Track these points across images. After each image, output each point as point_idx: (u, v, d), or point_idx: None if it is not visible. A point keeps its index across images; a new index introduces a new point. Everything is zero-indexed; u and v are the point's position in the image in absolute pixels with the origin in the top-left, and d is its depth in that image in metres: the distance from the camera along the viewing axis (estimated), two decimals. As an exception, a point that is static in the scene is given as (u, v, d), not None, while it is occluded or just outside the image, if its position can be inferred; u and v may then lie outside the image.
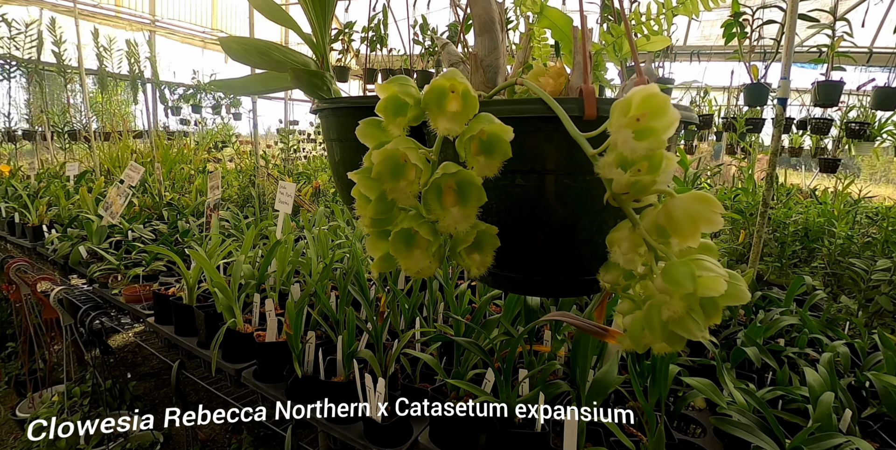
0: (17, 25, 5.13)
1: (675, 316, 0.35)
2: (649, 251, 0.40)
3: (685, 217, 0.36)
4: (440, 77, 0.41)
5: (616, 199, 0.40)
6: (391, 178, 0.42)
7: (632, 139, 0.35)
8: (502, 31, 0.60)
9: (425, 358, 1.02)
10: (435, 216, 0.41)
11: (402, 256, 0.43)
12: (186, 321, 1.46)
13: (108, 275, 1.94)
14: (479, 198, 0.41)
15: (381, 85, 0.42)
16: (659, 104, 0.36)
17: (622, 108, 0.36)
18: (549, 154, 0.45)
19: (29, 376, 2.63)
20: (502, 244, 0.46)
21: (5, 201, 3.00)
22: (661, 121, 0.36)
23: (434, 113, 0.41)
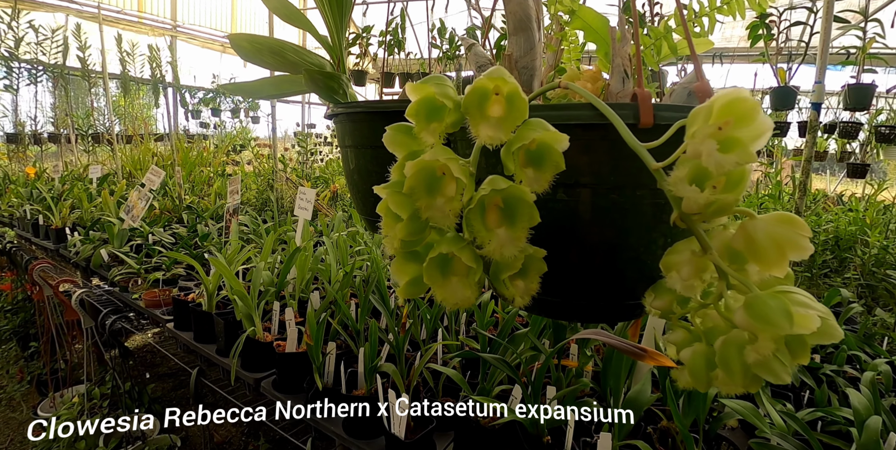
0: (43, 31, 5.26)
1: (761, 359, 0.31)
2: (720, 279, 0.35)
3: (769, 242, 0.32)
4: (484, 76, 0.36)
5: (685, 219, 0.35)
6: (426, 193, 0.37)
7: (717, 152, 0.31)
8: (539, 30, 0.56)
9: (450, 373, 0.98)
10: (480, 239, 0.36)
11: (438, 286, 0.38)
12: (206, 328, 1.45)
13: (128, 278, 1.95)
14: (529, 218, 0.36)
15: (415, 85, 0.38)
16: (746, 111, 0.31)
17: (703, 114, 0.32)
18: (597, 166, 0.41)
19: (50, 376, 2.66)
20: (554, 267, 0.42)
21: (30, 203, 3.05)
22: (748, 130, 0.32)
23: (475, 118, 0.36)
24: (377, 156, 0.69)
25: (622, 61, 0.59)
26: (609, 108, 0.39)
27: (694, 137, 0.32)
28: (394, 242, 0.39)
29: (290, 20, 0.85)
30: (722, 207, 0.33)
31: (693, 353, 0.37)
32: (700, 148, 0.31)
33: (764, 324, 0.29)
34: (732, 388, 0.34)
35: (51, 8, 5.41)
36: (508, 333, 1.08)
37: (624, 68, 0.59)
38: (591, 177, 0.41)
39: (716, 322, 0.38)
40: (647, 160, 0.36)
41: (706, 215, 0.34)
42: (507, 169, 0.37)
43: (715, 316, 0.38)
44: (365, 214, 0.74)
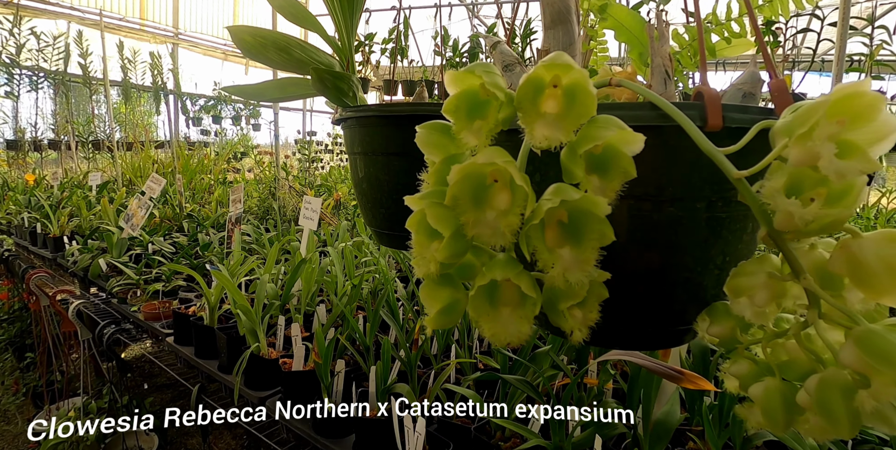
0: (45, 38, 5.24)
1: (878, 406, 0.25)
2: (811, 307, 0.30)
3: (881, 265, 0.27)
4: (541, 64, 0.30)
5: (774, 237, 0.30)
6: (474, 206, 0.31)
7: (835, 158, 0.25)
8: (579, 24, 0.51)
9: (468, 394, 0.93)
10: (541, 262, 0.30)
11: (487, 319, 0.32)
12: (207, 343, 1.39)
13: (127, 289, 1.89)
14: (601, 236, 0.30)
15: (456, 73, 0.32)
16: (864, 107, 0.26)
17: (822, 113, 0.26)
18: (656, 175, 0.36)
19: (46, 388, 2.60)
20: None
21: (28, 211, 3.00)
22: (865, 131, 0.27)
23: (529, 115, 0.30)
24: (389, 164, 0.64)
25: (662, 61, 0.55)
26: (675, 108, 0.33)
27: (810, 138, 0.26)
28: (430, 266, 0.32)
29: (297, 20, 0.81)
30: (831, 223, 0.27)
31: (766, 390, 0.32)
32: (819, 150, 0.26)
33: (886, 365, 0.25)
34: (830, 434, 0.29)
35: (53, 15, 5.41)
36: (530, 351, 1.02)
37: (665, 69, 0.55)
38: (644, 187, 0.36)
39: (793, 355, 0.34)
40: (727, 168, 0.31)
41: (803, 233, 0.29)
42: (569, 176, 0.31)
43: (792, 348, 0.33)
44: (374, 226, 0.69)
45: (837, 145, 0.26)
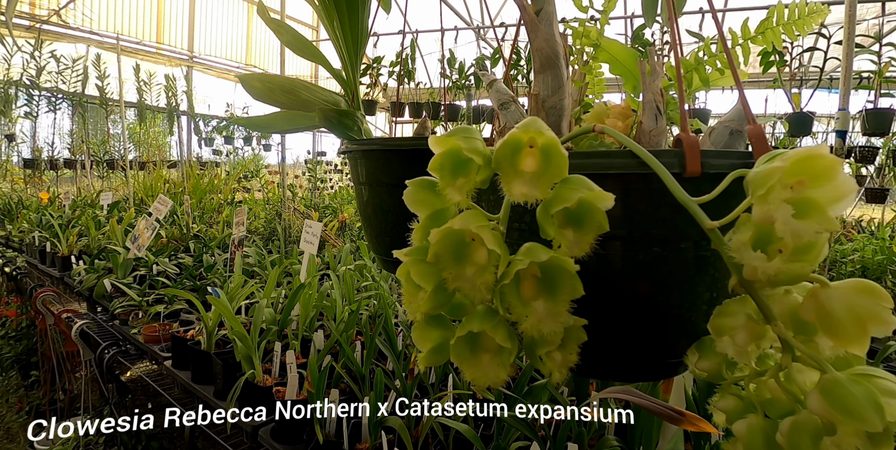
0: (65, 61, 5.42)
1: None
2: (784, 352, 0.30)
3: (848, 315, 0.28)
4: (517, 128, 0.32)
5: (745, 286, 0.31)
6: (454, 262, 0.33)
7: (792, 218, 0.26)
8: (567, 68, 0.51)
9: (461, 428, 0.90)
10: (514, 315, 0.31)
11: (468, 365, 0.33)
12: (204, 368, 1.38)
13: (129, 311, 1.89)
14: (572, 290, 0.31)
15: (438, 138, 0.33)
16: (823, 169, 0.27)
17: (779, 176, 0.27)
18: (637, 218, 0.37)
19: (49, 407, 2.59)
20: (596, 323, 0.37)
21: (39, 230, 3.05)
22: (825, 190, 0.27)
23: (508, 174, 0.32)
24: (393, 193, 0.66)
25: (654, 96, 0.54)
26: (652, 157, 0.35)
27: (767, 201, 0.27)
28: (416, 315, 0.34)
29: (304, 54, 0.83)
30: (793, 277, 0.28)
31: (749, 427, 0.33)
32: (774, 214, 0.27)
33: (847, 417, 0.25)
34: None
35: (73, 39, 5.59)
36: (527, 382, 1.00)
37: (656, 104, 0.55)
38: (629, 229, 0.37)
39: (775, 394, 0.34)
40: (701, 218, 0.32)
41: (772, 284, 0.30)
42: (543, 232, 0.32)
43: (774, 387, 0.34)
44: (378, 253, 0.71)
45: (798, 204, 0.27)
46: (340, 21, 0.75)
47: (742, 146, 0.55)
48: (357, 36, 0.77)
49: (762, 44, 0.73)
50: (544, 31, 0.45)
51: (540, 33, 0.45)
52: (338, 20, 0.75)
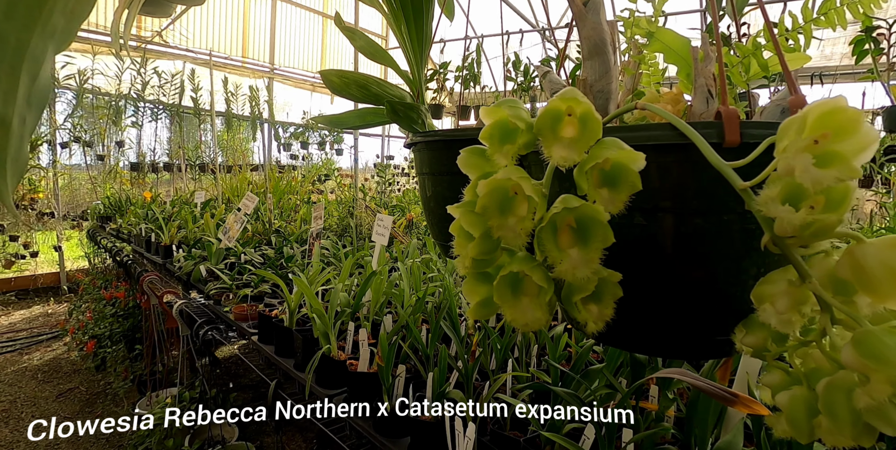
0: (165, 76, 6.09)
1: (874, 404, 0.27)
2: (823, 312, 0.32)
3: (883, 270, 0.28)
4: (556, 98, 0.37)
5: (778, 243, 0.32)
6: (499, 213, 0.37)
7: (812, 167, 0.28)
8: (614, 53, 0.56)
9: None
10: (552, 259, 0.36)
11: (508, 305, 0.38)
12: (286, 343, 1.53)
13: (221, 293, 2.12)
14: (603, 238, 0.35)
15: (488, 109, 0.39)
16: (846, 122, 0.29)
17: (796, 126, 0.30)
18: (679, 189, 0.39)
19: (150, 377, 2.94)
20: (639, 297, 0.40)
21: (145, 223, 3.45)
22: (849, 143, 0.29)
23: (548, 139, 0.37)
24: (453, 182, 0.71)
25: (706, 81, 0.58)
26: (689, 127, 0.37)
27: (786, 152, 0.30)
28: (465, 261, 0.39)
29: (375, 58, 0.93)
30: (822, 228, 0.29)
31: (791, 398, 0.33)
32: (793, 163, 0.29)
33: (878, 363, 0.26)
34: (839, 439, 0.30)
35: (172, 56, 6.27)
36: (582, 368, 1.04)
37: (708, 88, 0.58)
38: (672, 201, 0.39)
39: (819, 363, 0.34)
40: (733, 179, 0.34)
41: (803, 239, 0.31)
42: (580, 189, 0.36)
43: (818, 356, 0.34)
44: (440, 240, 0.77)
45: (820, 156, 0.29)
46: (407, 25, 0.84)
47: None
48: (422, 39, 0.86)
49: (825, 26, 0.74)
50: (591, 21, 0.51)
51: (587, 22, 0.50)
52: (405, 24, 0.84)
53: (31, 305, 5.35)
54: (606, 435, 0.85)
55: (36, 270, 5.71)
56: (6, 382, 3.62)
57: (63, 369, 3.79)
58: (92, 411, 3.17)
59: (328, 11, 7.82)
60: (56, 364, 3.88)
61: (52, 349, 4.17)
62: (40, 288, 5.64)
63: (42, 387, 3.53)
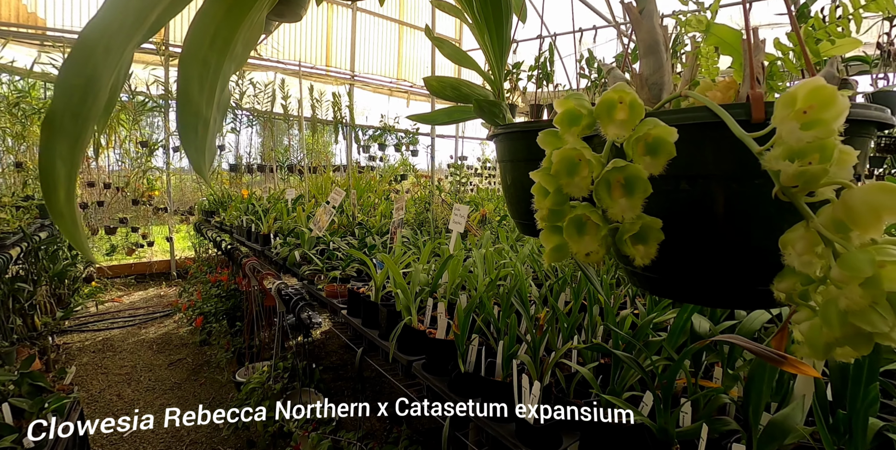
0: (259, 86, 6.73)
1: (854, 306, 0.34)
2: (826, 247, 0.39)
3: (866, 207, 0.35)
4: (609, 90, 0.48)
5: (786, 192, 0.41)
6: (567, 174, 0.49)
7: (798, 129, 0.38)
8: (667, 52, 0.66)
9: (581, 371, 1.06)
10: (605, 205, 0.47)
11: (574, 241, 0.49)
12: (371, 316, 1.73)
13: (314, 274, 2.39)
14: (644, 190, 0.46)
15: (559, 100, 0.51)
16: (826, 96, 0.38)
17: (787, 100, 0.39)
18: (715, 159, 0.48)
19: (248, 350, 3.33)
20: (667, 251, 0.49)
21: (246, 215, 3.89)
22: (829, 112, 0.38)
23: (604, 121, 0.48)
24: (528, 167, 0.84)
25: (755, 72, 0.67)
26: (720, 107, 0.47)
27: (778, 120, 0.39)
28: (543, 212, 0.52)
29: (461, 62, 1.08)
30: (812, 176, 0.38)
31: (811, 325, 0.40)
32: (782, 128, 0.39)
33: (850, 271, 0.33)
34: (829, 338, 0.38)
35: (265, 68, 6.91)
36: (644, 340, 1.11)
37: (756, 76, 0.66)
38: (712, 168, 0.49)
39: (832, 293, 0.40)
40: (751, 144, 0.43)
41: (802, 187, 0.40)
42: (628, 157, 0.48)
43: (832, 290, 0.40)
44: (516, 218, 0.89)
45: (808, 122, 0.39)
46: (489, 33, 0.98)
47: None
48: (502, 44, 0.99)
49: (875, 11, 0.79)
50: (646, 25, 0.62)
51: (643, 27, 0.62)
52: (487, 33, 0.98)
53: (147, 287, 6.15)
54: (664, 401, 0.93)
55: (151, 257, 6.54)
56: (128, 350, 4.23)
57: (173, 343, 4.35)
58: (196, 379, 3.63)
59: (403, 18, 8.21)
60: (168, 338, 4.46)
61: (164, 325, 4.79)
62: (154, 273, 6.45)
63: (157, 356, 4.08)
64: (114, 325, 4.80)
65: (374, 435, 2.37)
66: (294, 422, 2.22)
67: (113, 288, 5.94)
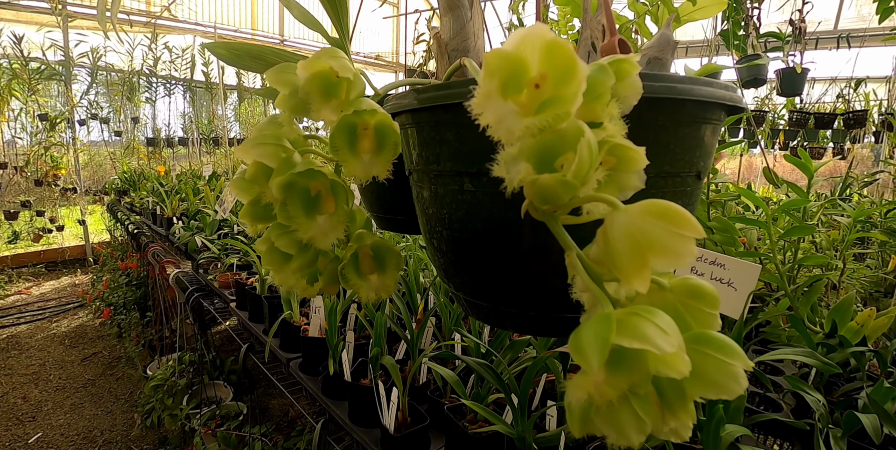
0: (176, 51, 6.12)
1: (596, 400, 0.22)
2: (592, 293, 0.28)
3: (626, 243, 0.24)
4: (318, 55, 0.35)
5: (537, 210, 0.29)
6: (266, 178, 0.36)
7: (513, 114, 0.25)
8: (472, 8, 0.53)
9: (445, 374, 0.97)
10: (293, 225, 0.35)
11: (276, 271, 0.38)
12: (257, 309, 1.58)
13: (211, 262, 2.20)
14: (347, 203, 0.35)
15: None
16: (565, 59, 0.25)
17: (500, 65, 0.25)
18: (481, 152, 0.36)
19: (159, 342, 3.12)
20: (466, 264, 0.39)
21: (153, 197, 3.57)
22: (569, 86, 0.25)
23: (317, 102, 0.36)
24: None
25: (592, 33, 0.55)
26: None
27: (484, 99, 0.27)
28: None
29: (310, 26, 0.91)
30: (546, 189, 0.26)
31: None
32: (488, 109, 0.26)
33: (576, 355, 0.22)
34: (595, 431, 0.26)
35: (181, 31, 6.27)
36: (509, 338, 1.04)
37: (593, 41, 0.55)
38: (468, 164, 0.37)
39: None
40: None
41: (550, 204, 0.28)
42: (332, 148, 0.35)
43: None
44: (371, 211, 0.74)
45: (544, 102, 0.26)
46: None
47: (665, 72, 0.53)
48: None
49: None
50: None
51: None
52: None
53: (60, 276, 5.66)
54: (520, 406, 0.85)
55: (63, 243, 6.00)
56: (36, 347, 3.89)
57: (88, 336, 4.04)
58: (113, 374, 3.39)
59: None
60: (82, 331, 4.13)
61: (78, 317, 4.44)
62: (68, 260, 5.94)
63: (69, 351, 3.78)
64: (20, 320, 4.40)
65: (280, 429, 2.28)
66: (197, 419, 2.09)
67: (20, 279, 5.43)
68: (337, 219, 0.34)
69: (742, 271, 0.78)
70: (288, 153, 0.34)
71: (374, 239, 0.36)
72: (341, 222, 0.34)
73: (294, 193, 0.34)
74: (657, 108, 0.36)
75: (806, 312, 1.16)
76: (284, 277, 0.37)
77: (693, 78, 0.37)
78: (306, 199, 0.35)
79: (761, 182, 5.97)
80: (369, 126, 0.34)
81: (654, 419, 0.22)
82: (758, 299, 1.35)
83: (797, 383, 0.87)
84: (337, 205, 0.34)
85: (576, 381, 0.23)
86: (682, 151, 0.39)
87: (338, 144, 0.34)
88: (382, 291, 0.37)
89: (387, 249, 0.36)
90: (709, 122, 0.40)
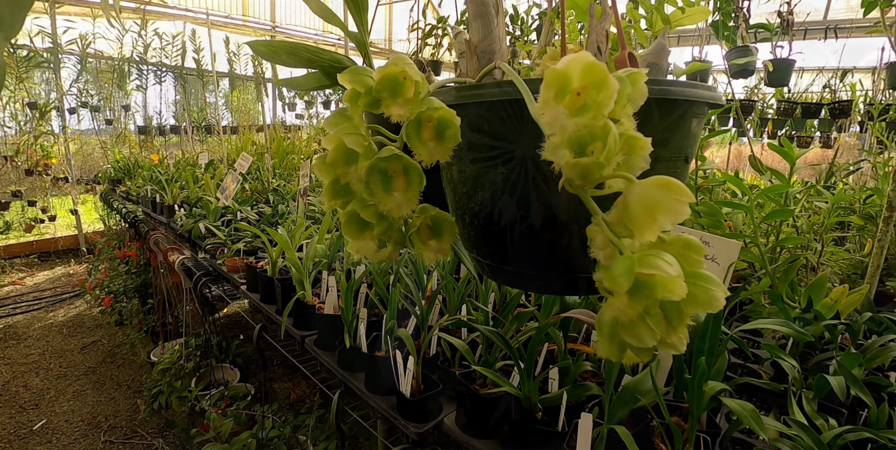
0: (166, 38, 6.05)
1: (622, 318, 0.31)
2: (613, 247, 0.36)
3: (641, 206, 0.32)
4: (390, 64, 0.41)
5: (570, 184, 0.36)
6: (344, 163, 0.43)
7: (564, 115, 0.33)
8: (498, 15, 0.60)
9: (456, 343, 1.06)
10: (376, 200, 0.41)
11: (354, 238, 0.45)
12: (269, 291, 1.66)
13: (217, 248, 2.25)
14: (420, 182, 0.41)
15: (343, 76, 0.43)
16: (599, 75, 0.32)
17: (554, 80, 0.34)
18: (528, 137, 0.43)
19: (161, 328, 3.17)
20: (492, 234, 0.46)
21: (151, 185, 3.59)
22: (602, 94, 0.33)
23: (387, 100, 0.42)
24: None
25: (598, 37, 0.62)
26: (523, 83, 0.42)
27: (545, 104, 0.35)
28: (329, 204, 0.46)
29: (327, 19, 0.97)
30: (584, 169, 0.34)
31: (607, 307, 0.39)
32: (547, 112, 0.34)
33: (611, 283, 0.30)
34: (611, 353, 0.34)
35: (171, 17, 6.19)
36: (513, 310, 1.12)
37: (598, 45, 0.62)
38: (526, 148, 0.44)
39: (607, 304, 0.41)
40: (544, 128, 0.37)
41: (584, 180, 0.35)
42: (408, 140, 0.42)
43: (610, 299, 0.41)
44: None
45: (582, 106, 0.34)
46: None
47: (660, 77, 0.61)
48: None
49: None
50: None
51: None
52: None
53: (54, 266, 5.66)
54: (526, 370, 0.94)
55: (55, 233, 5.98)
56: (34, 337, 3.91)
57: (86, 325, 4.07)
58: (114, 361, 3.44)
59: (328, -36, 7.55)
60: (79, 320, 4.17)
61: (75, 306, 4.46)
62: (61, 250, 5.93)
63: (67, 340, 3.82)
64: (16, 310, 4.41)
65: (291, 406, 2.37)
66: (207, 400, 2.16)
67: (13, 270, 5.42)
68: (411, 194, 0.42)
69: (724, 248, 0.87)
70: (368, 141, 0.42)
71: (435, 211, 0.44)
72: (415, 197, 0.42)
73: (376, 173, 0.41)
74: (656, 107, 0.44)
75: (784, 288, 1.26)
76: (362, 243, 0.44)
77: (683, 81, 0.46)
78: (384, 178, 0.42)
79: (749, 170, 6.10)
80: (433, 119, 0.41)
81: (662, 331, 0.31)
82: (742, 280, 1.46)
83: (774, 350, 0.97)
84: (409, 183, 0.42)
85: (606, 306, 0.32)
86: (673, 140, 0.47)
87: (410, 134, 0.42)
88: (440, 254, 0.45)
89: (443, 219, 0.43)
90: (695, 115, 0.49)
